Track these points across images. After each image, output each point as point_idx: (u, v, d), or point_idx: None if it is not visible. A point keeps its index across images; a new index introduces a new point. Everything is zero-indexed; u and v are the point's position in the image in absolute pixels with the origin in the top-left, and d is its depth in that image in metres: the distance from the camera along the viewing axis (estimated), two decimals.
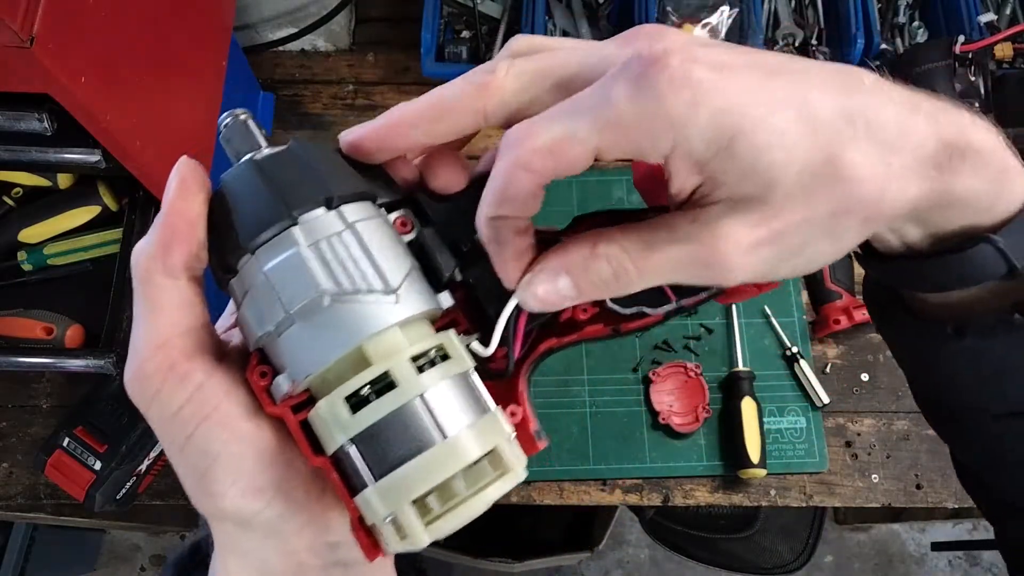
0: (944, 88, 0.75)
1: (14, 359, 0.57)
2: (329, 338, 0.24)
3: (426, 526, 0.23)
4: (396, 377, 0.24)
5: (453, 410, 0.24)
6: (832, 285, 0.82)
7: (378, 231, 0.26)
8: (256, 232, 0.25)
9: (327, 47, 0.92)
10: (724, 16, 0.85)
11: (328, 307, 0.24)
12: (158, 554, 1.70)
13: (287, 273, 0.24)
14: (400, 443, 0.23)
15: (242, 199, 0.25)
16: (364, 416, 0.23)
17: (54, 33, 0.40)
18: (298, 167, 0.26)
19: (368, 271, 0.24)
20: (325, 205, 0.25)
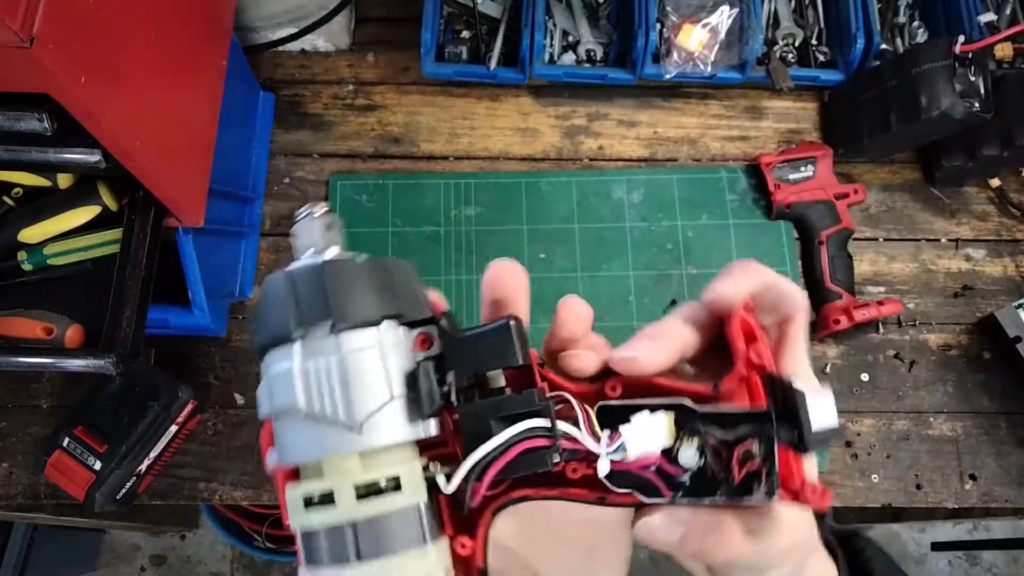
0: (944, 88, 0.75)
1: (14, 359, 0.57)
2: (297, 444, 0.27)
3: None
4: (336, 498, 0.26)
5: (382, 539, 0.26)
6: (832, 285, 0.82)
7: (372, 360, 0.27)
8: (268, 337, 0.28)
9: (327, 47, 0.92)
10: (724, 16, 0.85)
11: (300, 422, 0.27)
12: (158, 554, 1.70)
13: (279, 382, 0.27)
14: (328, 551, 0.26)
15: (271, 300, 0.29)
16: (309, 518, 0.27)
17: (54, 33, 0.40)
18: (319, 285, 0.28)
19: (338, 403, 0.27)
20: (329, 329, 0.27)
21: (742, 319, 0.29)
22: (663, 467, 0.27)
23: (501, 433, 0.27)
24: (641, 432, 0.27)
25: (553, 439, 0.27)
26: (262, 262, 0.85)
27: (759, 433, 0.27)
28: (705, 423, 0.27)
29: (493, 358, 0.28)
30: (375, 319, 0.28)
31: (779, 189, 0.85)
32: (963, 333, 0.84)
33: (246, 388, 0.80)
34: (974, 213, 0.88)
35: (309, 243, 0.30)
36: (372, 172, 0.88)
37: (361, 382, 0.27)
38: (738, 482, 0.27)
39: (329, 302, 0.28)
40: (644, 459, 0.27)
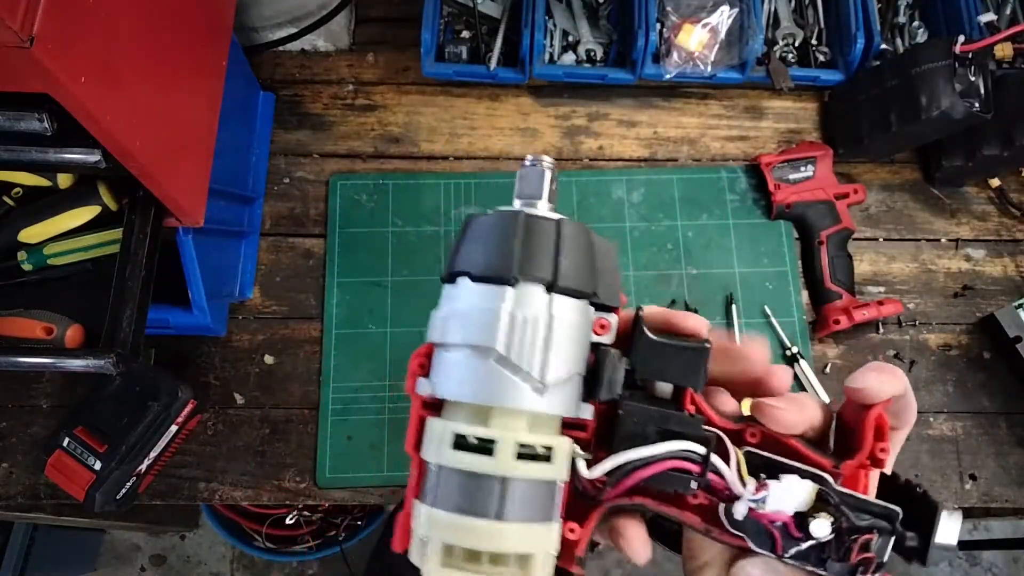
0: (944, 88, 0.75)
1: (14, 359, 0.57)
2: (475, 384, 0.27)
3: (440, 566, 0.26)
4: (497, 451, 0.26)
5: (521, 503, 0.27)
6: (832, 285, 0.82)
7: (570, 330, 0.28)
8: (484, 269, 0.28)
9: (327, 47, 0.92)
10: (724, 16, 0.85)
11: (490, 363, 0.27)
12: (158, 554, 1.70)
13: (482, 317, 0.27)
14: (465, 497, 0.27)
15: (495, 235, 0.29)
16: (457, 457, 0.27)
17: (54, 33, 0.40)
18: (552, 243, 0.28)
19: (536, 360, 0.27)
20: (545, 287, 0.28)
21: (879, 415, 0.31)
22: (789, 528, 0.29)
23: (661, 444, 0.29)
24: (786, 492, 0.29)
25: (703, 469, 0.29)
26: (262, 262, 0.85)
27: (886, 531, 0.29)
28: (842, 503, 0.29)
29: (679, 374, 0.30)
30: (588, 292, 0.29)
31: (779, 189, 0.85)
32: (963, 333, 0.84)
33: (246, 388, 0.81)
34: (974, 213, 0.88)
35: (536, 191, 0.30)
36: (372, 172, 0.88)
37: (562, 348, 0.28)
38: (851, 565, 0.29)
39: (559, 262, 0.28)
40: (775, 516, 0.29)
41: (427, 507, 0.27)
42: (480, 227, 0.29)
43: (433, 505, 0.27)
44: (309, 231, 0.86)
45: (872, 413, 0.31)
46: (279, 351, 0.82)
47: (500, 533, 0.26)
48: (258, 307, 0.83)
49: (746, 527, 0.30)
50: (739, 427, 0.31)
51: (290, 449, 0.79)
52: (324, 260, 0.84)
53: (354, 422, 0.79)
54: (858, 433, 0.31)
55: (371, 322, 0.82)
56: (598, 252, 0.30)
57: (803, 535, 0.29)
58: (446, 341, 0.28)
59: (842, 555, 0.29)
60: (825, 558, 0.29)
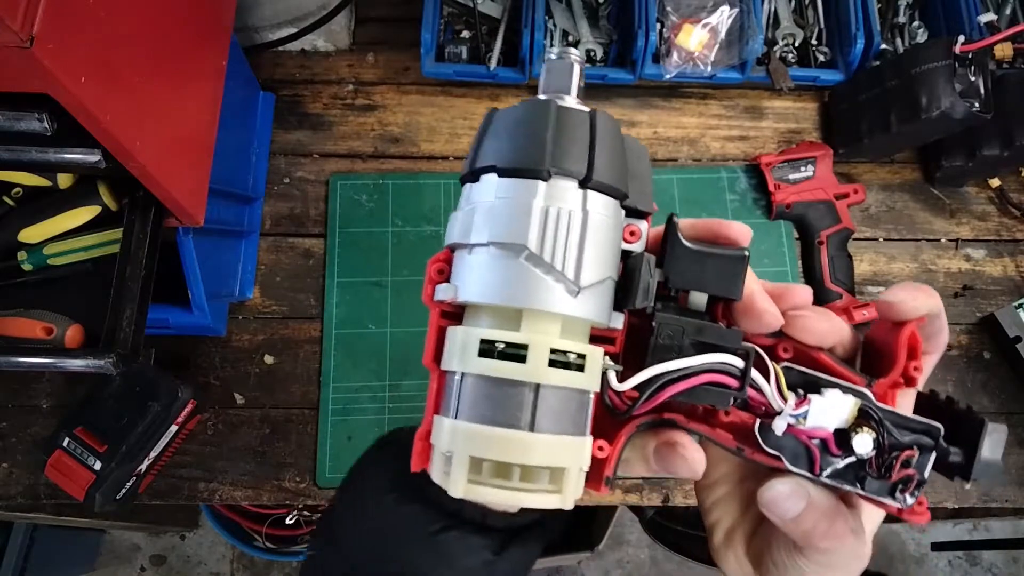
0: (944, 88, 0.75)
1: (14, 359, 0.57)
2: (504, 285, 0.25)
3: (467, 483, 0.24)
4: (529, 356, 0.24)
5: (553, 414, 0.25)
6: (832, 285, 0.82)
7: (604, 231, 0.26)
8: (513, 162, 0.26)
9: (327, 47, 0.92)
10: (724, 16, 0.85)
11: (521, 262, 0.25)
12: (158, 554, 1.71)
13: (511, 212, 0.25)
14: (494, 407, 0.24)
15: (524, 126, 0.26)
16: (484, 365, 0.24)
17: (54, 33, 0.40)
18: (586, 135, 0.26)
19: (571, 259, 0.25)
20: (580, 181, 0.26)
21: (912, 333, 0.30)
22: (828, 445, 0.28)
23: (698, 357, 0.27)
24: (828, 407, 0.27)
25: (741, 383, 0.27)
26: (262, 262, 0.85)
27: (928, 447, 0.28)
28: (885, 420, 0.28)
29: (716, 282, 0.28)
30: (622, 192, 0.27)
31: (779, 189, 0.85)
32: (963, 333, 0.84)
33: (246, 388, 0.81)
34: (974, 213, 0.88)
35: (565, 85, 0.28)
36: (372, 172, 0.88)
37: (597, 248, 0.26)
38: (892, 482, 0.28)
39: (593, 157, 0.26)
40: (815, 432, 0.28)
41: (451, 420, 0.25)
42: (507, 119, 0.27)
43: (458, 418, 0.25)
44: (309, 231, 0.86)
45: (905, 330, 0.29)
46: (279, 351, 0.82)
47: (533, 444, 0.24)
48: (258, 307, 0.83)
49: (782, 445, 0.28)
50: (772, 342, 0.29)
51: (290, 449, 0.79)
52: (324, 260, 0.84)
53: (354, 422, 0.79)
54: (891, 352, 0.29)
55: (371, 322, 0.83)
56: (630, 152, 0.28)
57: (843, 452, 0.28)
58: (469, 241, 0.26)
59: (883, 472, 0.28)
60: (863, 476, 0.28)
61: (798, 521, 0.28)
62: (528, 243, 0.25)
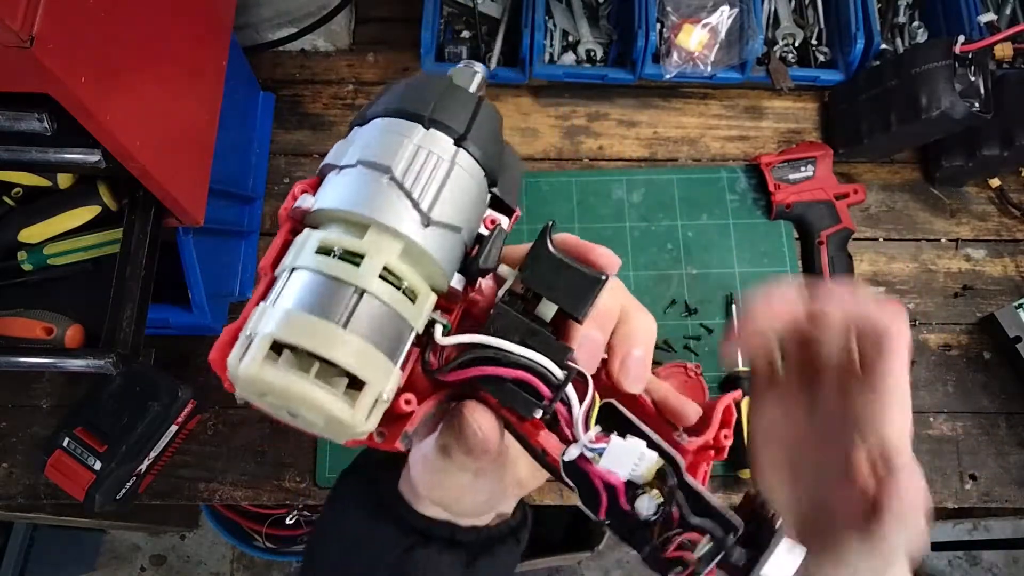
0: (944, 88, 0.75)
1: (14, 359, 0.57)
2: (359, 196, 0.26)
3: (260, 364, 0.23)
4: (363, 264, 0.25)
5: (370, 323, 0.25)
6: None
7: (466, 188, 0.28)
8: (399, 108, 0.28)
9: (327, 47, 0.92)
10: (724, 16, 0.85)
11: (382, 183, 0.26)
12: (158, 554, 1.70)
13: (386, 143, 0.27)
14: (314, 300, 0.24)
15: (417, 84, 0.29)
16: (316, 260, 0.25)
17: (54, 33, 0.40)
18: (470, 109, 0.29)
19: (429, 193, 0.27)
20: (455, 139, 0.28)
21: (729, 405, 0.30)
22: (616, 494, 0.27)
23: (524, 348, 0.27)
24: (626, 455, 0.26)
25: (552, 398, 0.27)
26: None
27: (716, 538, 0.26)
28: (681, 492, 0.27)
29: (566, 297, 0.28)
30: (492, 169, 0.29)
31: (779, 189, 0.85)
32: (963, 333, 0.84)
33: None
34: (974, 213, 0.88)
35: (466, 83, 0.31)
36: None
37: (456, 196, 0.27)
38: (664, 558, 0.26)
39: (471, 124, 0.28)
40: (606, 475, 0.27)
41: (261, 305, 0.25)
42: (406, 81, 0.30)
43: (272, 304, 0.25)
44: None
45: (723, 399, 0.30)
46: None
47: (339, 338, 0.23)
48: None
49: (574, 474, 0.27)
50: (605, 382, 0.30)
51: (290, 449, 0.79)
52: None
53: None
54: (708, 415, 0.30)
55: None
56: (508, 152, 0.30)
57: (628, 507, 0.27)
58: (340, 163, 0.27)
59: (661, 545, 0.26)
60: (643, 540, 0.27)
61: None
62: (393, 167, 0.26)
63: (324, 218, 0.27)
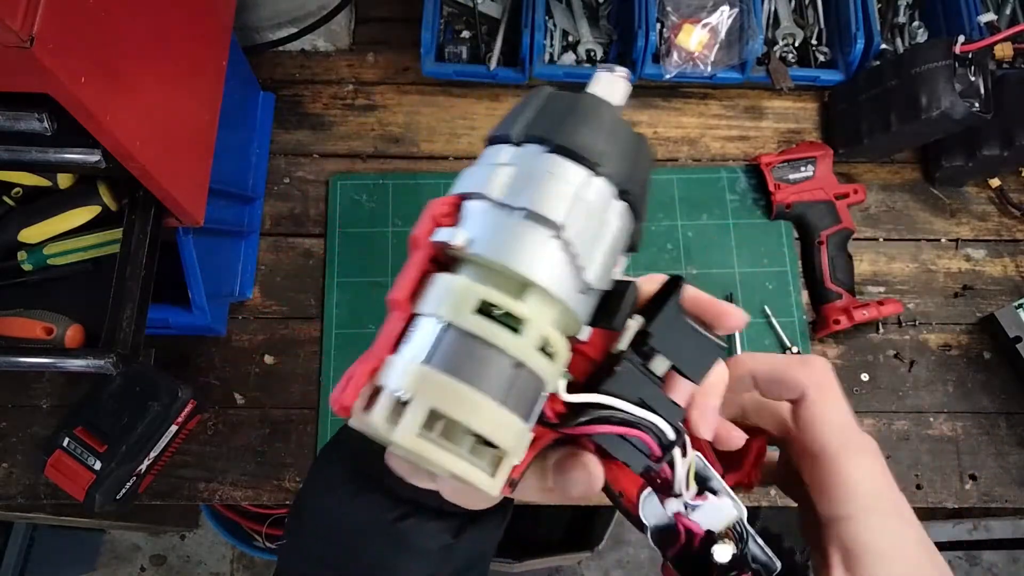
0: (944, 88, 0.75)
1: (14, 359, 0.57)
2: (527, 256, 0.24)
3: (414, 437, 0.22)
4: (524, 331, 0.23)
5: (520, 397, 0.24)
6: (832, 285, 0.82)
7: (618, 249, 0.27)
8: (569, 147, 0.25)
9: (327, 47, 0.92)
10: (724, 16, 0.85)
11: (550, 243, 0.24)
12: (158, 554, 1.71)
13: (553, 192, 0.24)
14: (473, 369, 0.23)
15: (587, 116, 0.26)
16: (478, 323, 0.23)
17: (54, 33, 0.40)
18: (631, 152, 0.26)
19: (593, 262, 0.25)
20: (619, 193, 0.26)
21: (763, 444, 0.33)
22: (693, 541, 0.30)
23: (643, 411, 0.27)
24: (716, 511, 0.29)
25: (661, 457, 0.28)
26: (262, 262, 0.85)
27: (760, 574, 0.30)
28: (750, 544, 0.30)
29: (689, 362, 0.28)
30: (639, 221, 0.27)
31: (779, 189, 0.85)
32: (963, 333, 0.84)
33: (246, 388, 0.80)
34: (974, 213, 0.88)
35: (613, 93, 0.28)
36: (372, 172, 0.88)
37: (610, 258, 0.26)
38: None
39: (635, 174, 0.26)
40: (692, 525, 0.29)
41: (420, 364, 0.23)
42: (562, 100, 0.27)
43: (425, 362, 0.23)
44: (309, 231, 0.86)
45: (758, 441, 0.33)
46: (279, 351, 0.82)
47: (500, 419, 0.23)
48: (258, 307, 0.83)
49: (650, 518, 0.30)
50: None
51: (290, 449, 0.79)
52: (324, 260, 0.85)
53: None
54: (739, 452, 0.32)
55: (371, 322, 0.82)
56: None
57: (702, 550, 0.29)
58: (494, 197, 0.25)
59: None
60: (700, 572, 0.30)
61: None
62: (564, 227, 0.24)
63: (475, 260, 0.25)
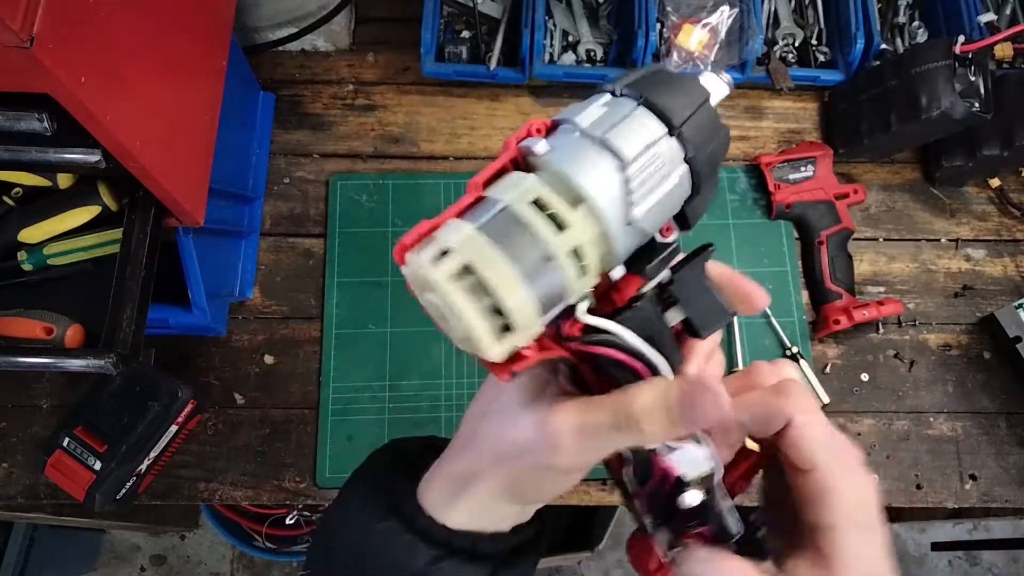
0: (944, 88, 0.75)
1: (14, 359, 0.57)
2: (589, 174, 0.27)
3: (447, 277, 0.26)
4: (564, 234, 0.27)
5: (546, 288, 0.27)
6: (832, 285, 0.82)
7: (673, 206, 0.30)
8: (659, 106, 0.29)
9: (327, 47, 0.92)
10: (724, 16, 0.85)
11: (612, 170, 0.28)
12: (158, 554, 1.71)
13: (633, 133, 0.28)
14: (512, 245, 0.26)
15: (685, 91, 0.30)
16: (530, 213, 0.27)
17: (54, 33, 0.40)
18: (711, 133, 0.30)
19: (645, 201, 0.28)
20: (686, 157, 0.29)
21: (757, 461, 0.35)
22: (667, 482, 0.31)
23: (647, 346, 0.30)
24: (694, 459, 0.31)
25: None
26: (262, 262, 0.85)
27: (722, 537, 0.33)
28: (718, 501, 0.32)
29: (700, 317, 0.31)
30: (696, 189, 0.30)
31: (779, 189, 0.85)
32: (963, 333, 0.84)
33: (246, 388, 0.81)
34: (974, 213, 0.88)
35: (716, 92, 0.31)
36: (372, 172, 0.88)
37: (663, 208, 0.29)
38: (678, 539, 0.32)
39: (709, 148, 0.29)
40: (668, 465, 0.31)
41: (472, 226, 0.27)
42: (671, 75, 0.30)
43: (478, 228, 0.27)
44: (309, 231, 0.86)
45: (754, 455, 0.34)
46: (279, 351, 0.82)
47: (519, 292, 0.26)
48: (258, 307, 0.83)
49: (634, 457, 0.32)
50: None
51: (290, 449, 0.79)
52: (324, 260, 0.85)
53: (354, 422, 0.79)
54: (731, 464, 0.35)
55: (371, 322, 0.83)
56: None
57: (671, 499, 0.31)
58: (583, 125, 0.29)
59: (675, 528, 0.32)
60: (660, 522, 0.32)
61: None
62: (629, 162, 0.27)
63: (547, 167, 0.29)
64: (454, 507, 0.35)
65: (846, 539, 0.29)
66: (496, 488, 0.35)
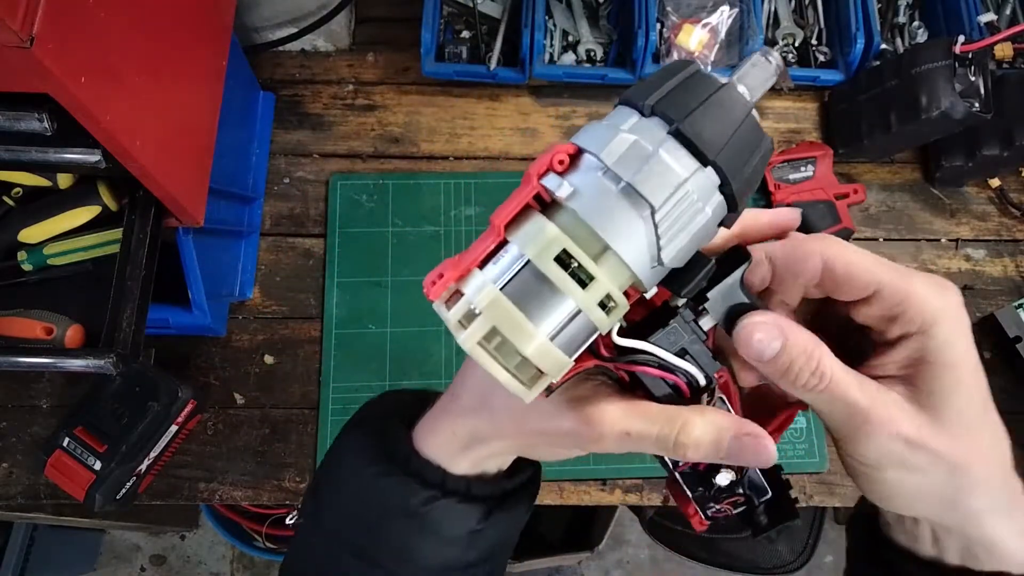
0: (944, 88, 0.75)
1: (14, 359, 0.57)
2: (614, 225, 0.27)
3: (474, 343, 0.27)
4: (591, 288, 0.27)
5: (571, 336, 0.28)
6: None
7: (705, 237, 0.29)
8: (692, 135, 0.27)
9: (327, 47, 0.92)
10: (724, 16, 0.85)
11: (640, 219, 0.27)
12: (158, 554, 1.71)
13: (660, 175, 0.26)
14: (537, 305, 0.27)
15: (722, 109, 0.28)
16: (554, 270, 0.27)
17: (54, 33, 0.40)
18: (753, 154, 0.28)
19: (674, 244, 0.27)
20: (720, 186, 0.27)
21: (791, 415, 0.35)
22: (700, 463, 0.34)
23: (683, 362, 0.31)
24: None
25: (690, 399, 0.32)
26: (262, 262, 0.85)
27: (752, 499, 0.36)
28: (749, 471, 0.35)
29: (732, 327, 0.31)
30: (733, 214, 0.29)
31: (779, 189, 0.85)
32: None
33: (246, 388, 0.81)
34: (974, 213, 0.88)
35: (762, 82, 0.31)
36: (372, 172, 0.88)
37: (694, 242, 0.28)
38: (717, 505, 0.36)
39: (745, 175, 0.28)
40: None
41: (496, 287, 0.27)
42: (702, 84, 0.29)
43: (504, 290, 0.27)
44: (309, 231, 0.86)
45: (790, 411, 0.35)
46: (279, 351, 0.82)
47: (549, 352, 0.27)
48: (258, 307, 0.83)
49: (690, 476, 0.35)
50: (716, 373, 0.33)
51: (290, 449, 0.79)
52: (324, 260, 0.85)
53: None
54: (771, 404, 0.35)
55: (371, 322, 0.83)
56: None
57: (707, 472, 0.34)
58: (613, 167, 0.27)
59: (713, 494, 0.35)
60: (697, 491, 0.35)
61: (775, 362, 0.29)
62: (657, 208, 0.26)
63: (570, 212, 0.27)
64: (461, 459, 0.36)
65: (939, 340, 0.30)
66: (510, 448, 0.36)
